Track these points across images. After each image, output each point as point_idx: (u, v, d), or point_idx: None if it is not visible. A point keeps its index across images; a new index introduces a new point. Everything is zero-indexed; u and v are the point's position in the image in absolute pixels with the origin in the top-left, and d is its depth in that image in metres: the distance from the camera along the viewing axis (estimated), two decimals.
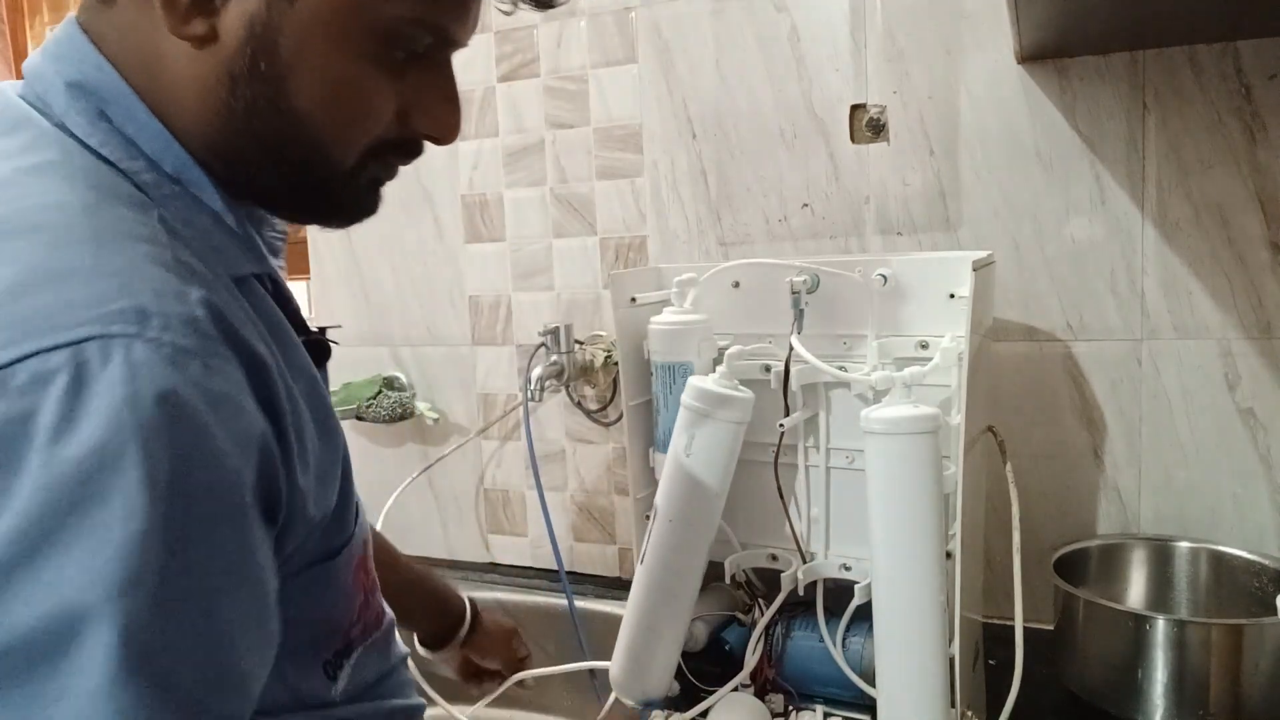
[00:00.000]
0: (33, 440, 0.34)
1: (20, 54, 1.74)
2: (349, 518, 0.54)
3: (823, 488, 0.88)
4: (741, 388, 0.82)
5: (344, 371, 1.41)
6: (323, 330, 0.57)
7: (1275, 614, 0.83)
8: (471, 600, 0.95)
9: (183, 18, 0.43)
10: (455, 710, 1.00)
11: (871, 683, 0.81)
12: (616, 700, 0.89)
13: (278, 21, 0.44)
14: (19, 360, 0.35)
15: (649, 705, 0.87)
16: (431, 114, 0.50)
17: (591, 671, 1.03)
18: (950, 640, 0.76)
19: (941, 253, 1.04)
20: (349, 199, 0.51)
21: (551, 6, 0.53)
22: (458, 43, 0.49)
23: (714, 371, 0.88)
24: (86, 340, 0.35)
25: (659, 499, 0.84)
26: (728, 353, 0.83)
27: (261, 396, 0.41)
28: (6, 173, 0.42)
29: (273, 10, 0.43)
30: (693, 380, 0.83)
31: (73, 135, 0.44)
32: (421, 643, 0.93)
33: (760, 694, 0.88)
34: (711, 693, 0.88)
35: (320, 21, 0.44)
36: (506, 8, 0.51)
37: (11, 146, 0.43)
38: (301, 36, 0.44)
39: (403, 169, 0.52)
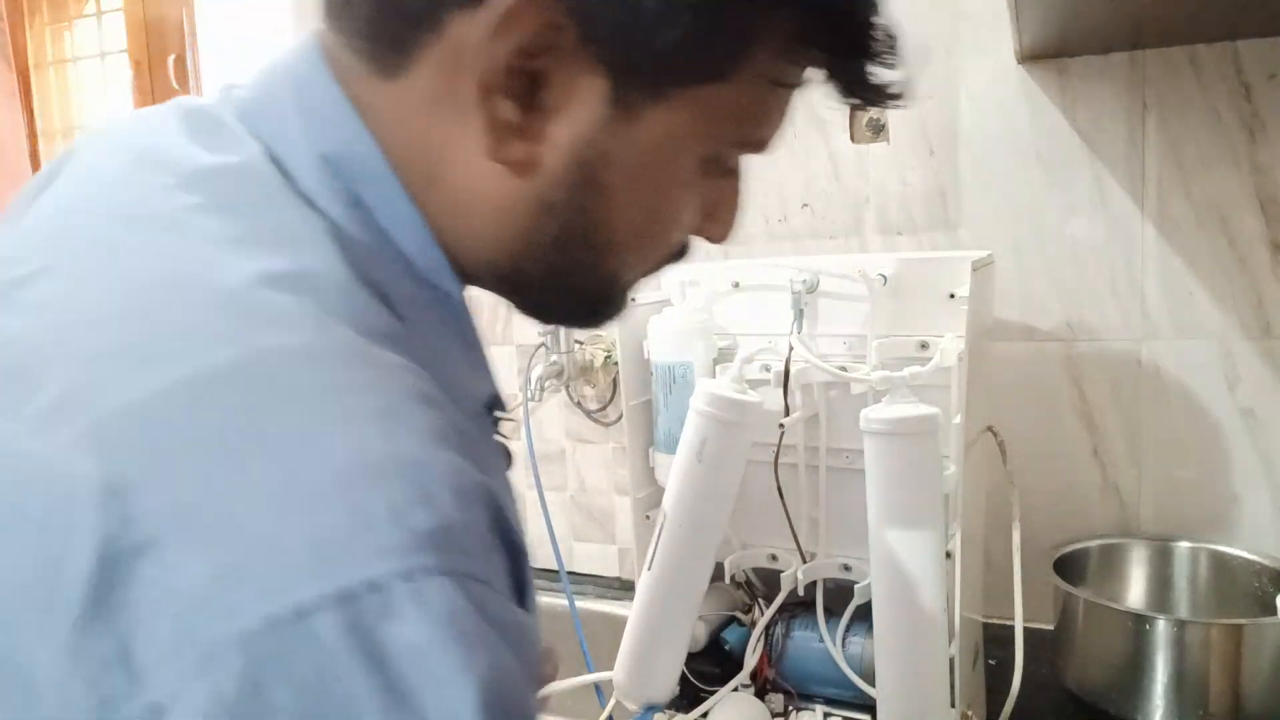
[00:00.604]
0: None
1: (20, 53, 1.74)
2: None
3: (823, 488, 0.88)
4: (753, 393, 0.82)
5: None
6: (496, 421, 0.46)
7: (1275, 614, 0.83)
8: None
9: (501, 140, 0.36)
10: None
11: (871, 683, 0.81)
12: (618, 704, 0.89)
13: (611, 149, 0.38)
14: (314, 606, 0.25)
15: (651, 709, 0.87)
16: (721, 222, 0.47)
17: (597, 685, 1.03)
18: (950, 640, 0.76)
19: (941, 253, 1.04)
20: (614, 310, 0.47)
21: (896, 98, 0.43)
22: (768, 149, 0.45)
23: (716, 373, 0.88)
24: (390, 579, 0.26)
25: (668, 504, 0.83)
26: (739, 356, 0.83)
27: (516, 587, 0.34)
28: (247, 279, 0.31)
29: (609, 136, 0.37)
30: (704, 384, 0.82)
31: (324, 220, 0.36)
32: None
33: (760, 694, 0.88)
34: (711, 693, 0.88)
35: (657, 149, 0.39)
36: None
37: (256, 232, 0.34)
38: (634, 166, 0.39)
39: None
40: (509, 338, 1.31)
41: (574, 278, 0.42)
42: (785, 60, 0.40)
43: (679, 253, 0.47)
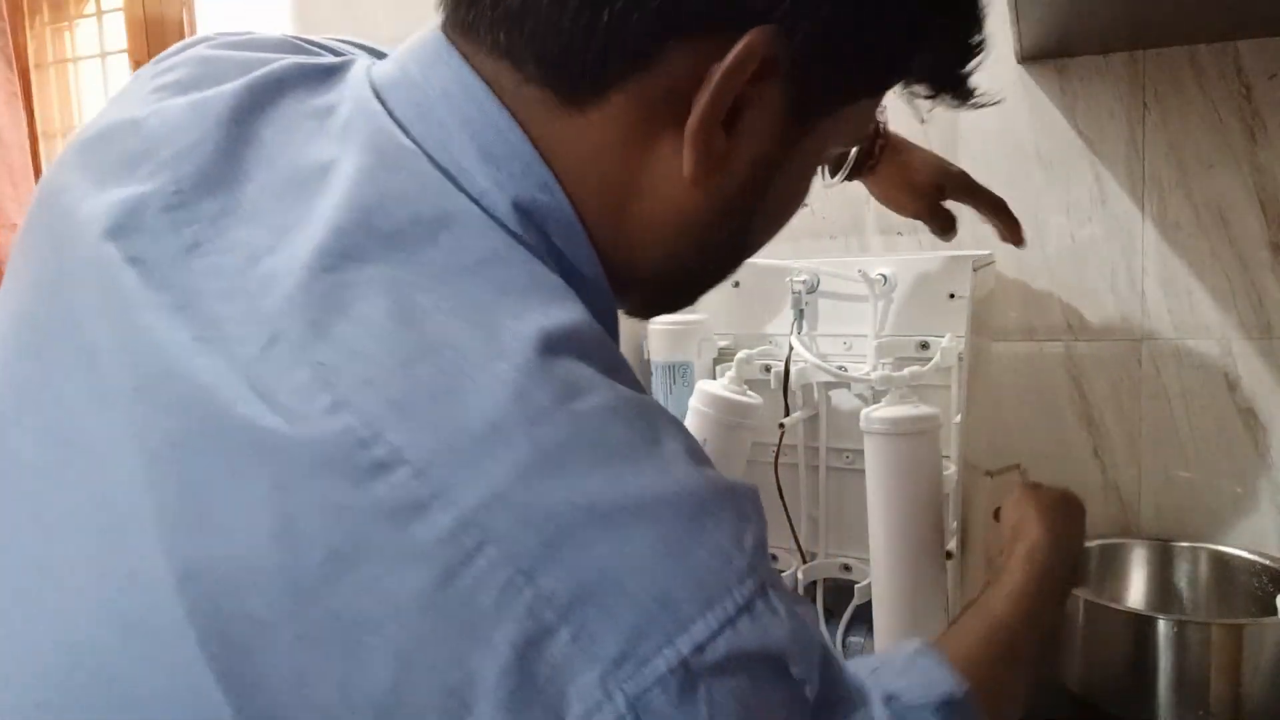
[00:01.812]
0: None
1: (20, 54, 1.74)
2: None
3: (823, 488, 0.88)
4: (751, 393, 0.82)
5: None
6: None
7: (1275, 614, 0.83)
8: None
9: (710, 168, 0.38)
10: None
11: None
12: None
13: (785, 158, 0.40)
14: (710, 638, 0.29)
15: None
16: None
17: None
18: None
19: (941, 253, 1.04)
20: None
21: (970, 97, 0.47)
22: None
23: (715, 373, 0.88)
24: (753, 598, 0.31)
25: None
26: (738, 357, 0.83)
27: None
28: (519, 364, 0.31)
29: (785, 147, 0.40)
30: (704, 385, 0.82)
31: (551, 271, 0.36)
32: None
33: None
34: None
35: (815, 156, 0.43)
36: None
37: (505, 299, 0.33)
38: (797, 172, 0.42)
39: None
40: None
41: (713, 274, 0.45)
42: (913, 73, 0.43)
43: None
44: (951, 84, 0.44)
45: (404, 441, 0.29)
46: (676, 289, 0.46)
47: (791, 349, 0.84)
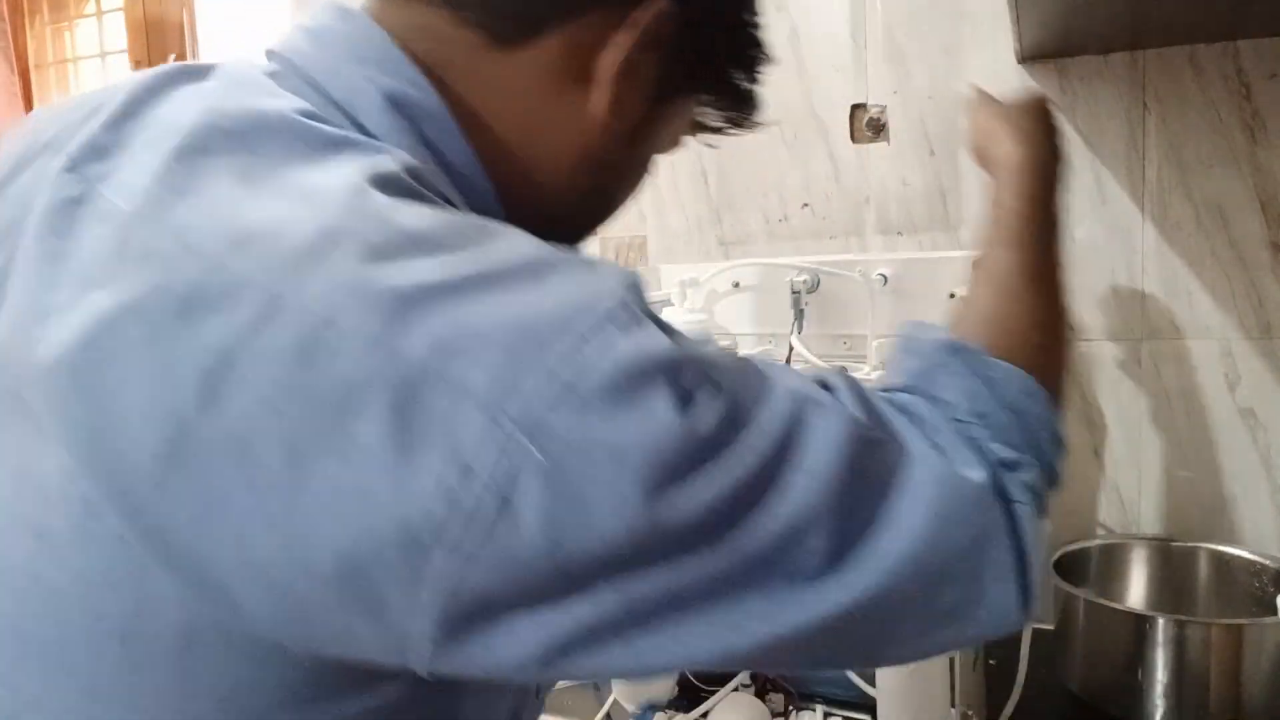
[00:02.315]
0: None
1: (20, 54, 1.74)
2: None
3: None
4: None
5: None
6: None
7: (1275, 614, 0.83)
8: None
9: (614, 110, 0.45)
10: None
11: (871, 683, 0.81)
12: (616, 702, 0.89)
13: (651, 123, 0.48)
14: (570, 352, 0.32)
15: (651, 708, 0.87)
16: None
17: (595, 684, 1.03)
18: None
19: (941, 253, 1.04)
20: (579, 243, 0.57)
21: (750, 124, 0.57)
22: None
23: None
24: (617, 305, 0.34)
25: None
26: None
27: None
28: (352, 186, 0.35)
29: (653, 114, 0.48)
30: None
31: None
32: None
33: (760, 694, 0.88)
34: (712, 693, 0.88)
35: (657, 130, 0.50)
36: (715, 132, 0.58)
37: (341, 154, 0.38)
38: (651, 137, 0.50)
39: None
40: None
41: (571, 225, 0.51)
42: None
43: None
44: (732, 98, 0.54)
45: (246, 267, 0.31)
46: (567, 220, 0.51)
47: (791, 349, 0.84)
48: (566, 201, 0.48)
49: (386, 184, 0.35)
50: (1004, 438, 0.44)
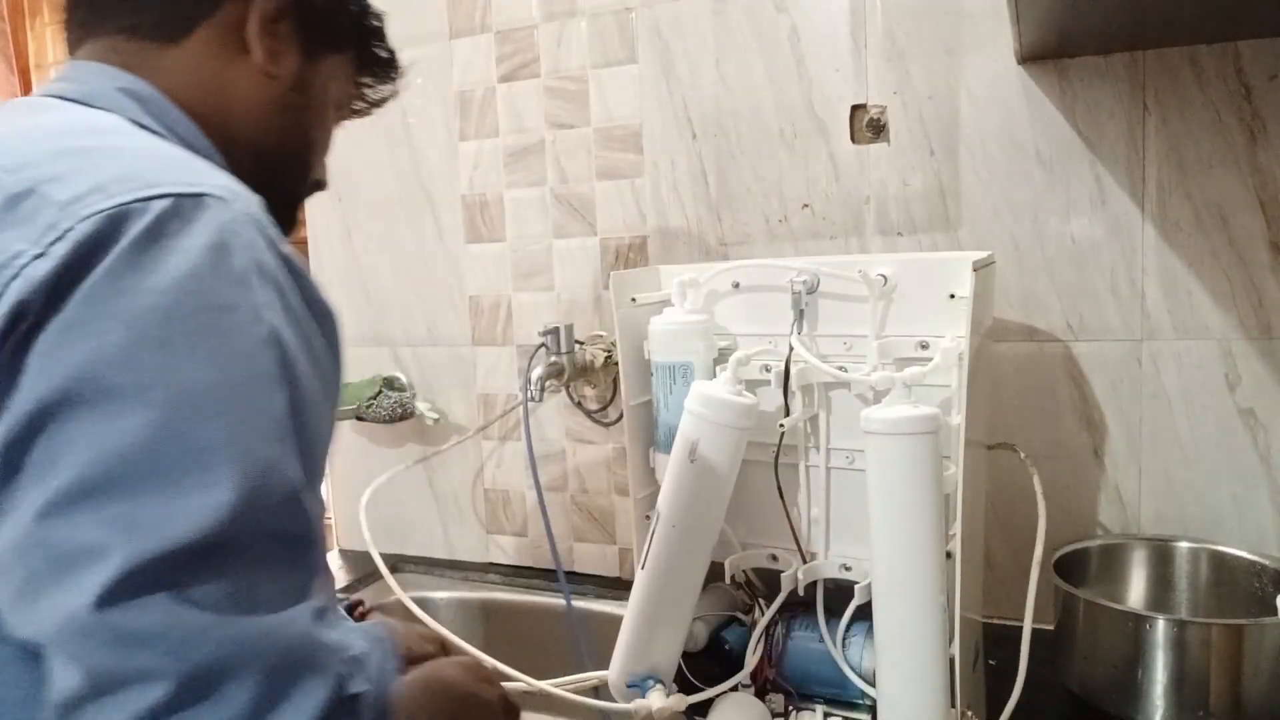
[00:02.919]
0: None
1: (21, 54, 1.74)
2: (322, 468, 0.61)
3: (823, 488, 0.88)
4: (747, 393, 0.82)
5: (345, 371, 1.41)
6: None
7: (1275, 614, 0.83)
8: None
9: (269, 58, 0.62)
10: None
11: (871, 683, 0.81)
12: (606, 692, 0.89)
13: (309, 74, 0.65)
14: (156, 198, 0.45)
15: (645, 682, 0.85)
16: (325, 167, 0.73)
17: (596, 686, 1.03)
18: (950, 640, 0.76)
19: (941, 253, 1.04)
20: (296, 214, 0.73)
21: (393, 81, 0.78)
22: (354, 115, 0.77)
23: (715, 373, 0.88)
24: (205, 195, 0.47)
25: (662, 504, 0.83)
26: (733, 358, 0.83)
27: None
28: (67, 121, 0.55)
29: (306, 66, 0.65)
30: (698, 386, 0.83)
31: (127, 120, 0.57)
32: None
33: (760, 694, 0.88)
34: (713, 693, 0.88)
35: (323, 81, 0.67)
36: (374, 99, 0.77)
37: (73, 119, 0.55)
38: (317, 88, 0.66)
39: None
40: (509, 338, 1.31)
41: (285, 166, 0.67)
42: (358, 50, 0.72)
43: (320, 183, 0.73)
44: (382, 66, 0.74)
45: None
46: (271, 168, 0.64)
47: (791, 349, 0.84)
48: (271, 142, 0.64)
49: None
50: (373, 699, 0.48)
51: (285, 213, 0.69)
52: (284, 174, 0.67)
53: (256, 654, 0.42)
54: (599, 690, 1.01)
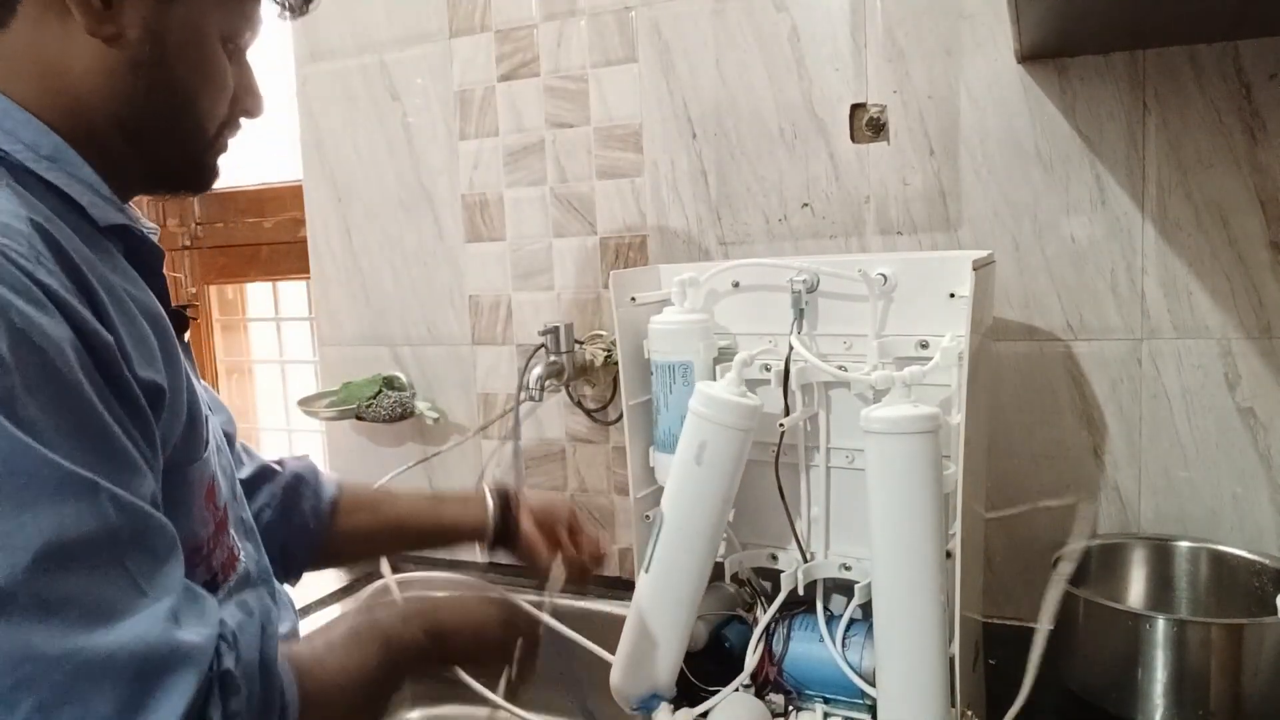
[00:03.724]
0: None
1: None
2: (199, 443, 0.62)
3: (823, 488, 0.88)
4: (751, 395, 0.82)
5: (344, 371, 1.41)
6: (182, 307, 0.67)
7: (1275, 614, 0.83)
8: (505, 494, 0.95)
9: (95, 22, 0.55)
10: (440, 710, 1.00)
11: (871, 683, 0.81)
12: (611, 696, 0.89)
13: (165, 22, 0.58)
14: None
15: (655, 696, 0.86)
16: (251, 94, 0.66)
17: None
18: (950, 640, 0.76)
19: (941, 253, 1.04)
20: (210, 165, 0.66)
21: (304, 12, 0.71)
22: (253, 43, 0.67)
23: (716, 373, 0.88)
24: None
25: (666, 506, 0.83)
26: (738, 359, 0.83)
27: (87, 298, 0.51)
28: None
29: (159, 14, 0.57)
30: (703, 387, 0.82)
31: None
32: (489, 548, 0.95)
33: (761, 693, 0.88)
34: (712, 692, 0.88)
35: (194, 28, 0.59)
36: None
37: None
38: (181, 38, 0.59)
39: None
40: (509, 338, 1.31)
41: (175, 122, 0.61)
42: None
43: (233, 124, 0.66)
44: None
45: None
46: (145, 144, 0.60)
47: (791, 349, 0.84)
48: (135, 112, 0.58)
49: None
50: (243, 670, 0.51)
51: (193, 173, 0.65)
52: (169, 137, 0.61)
53: (108, 671, 0.44)
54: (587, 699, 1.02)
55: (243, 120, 0.67)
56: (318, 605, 1.26)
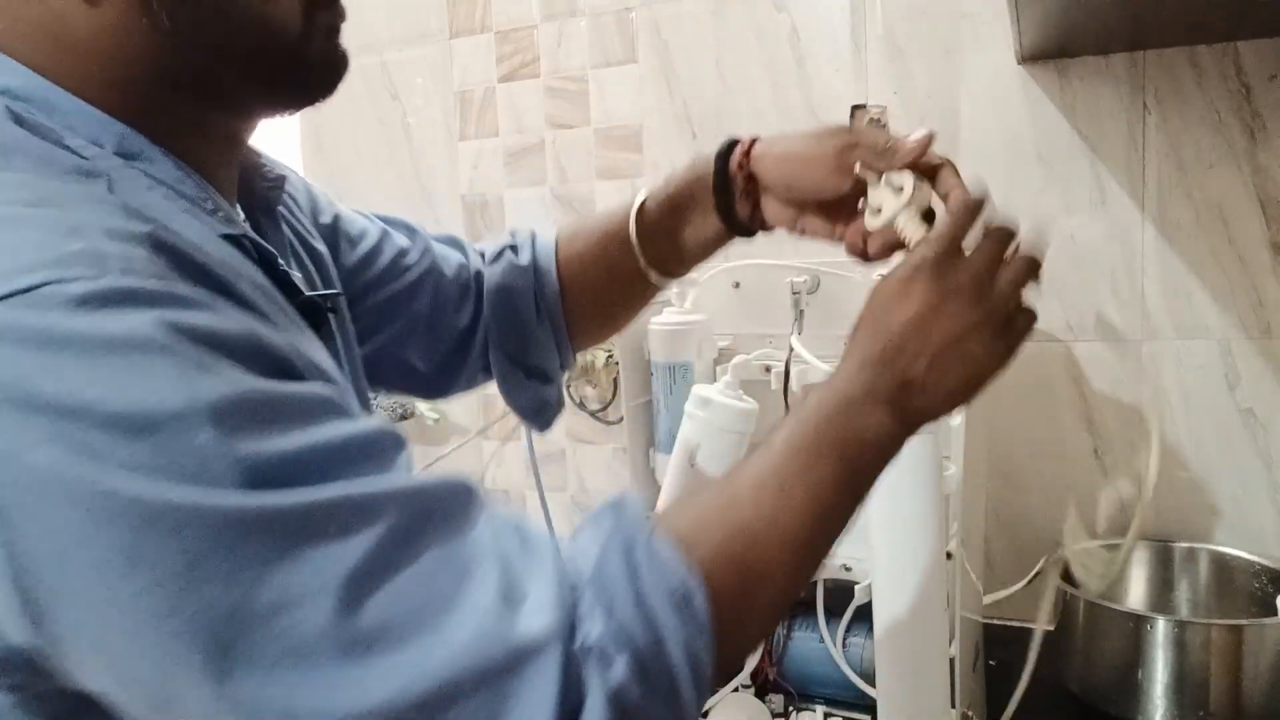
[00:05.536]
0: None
1: None
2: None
3: None
4: (747, 398, 0.82)
5: None
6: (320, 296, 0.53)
7: (1275, 614, 0.83)
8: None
9: None
10: None
11: (871, 683, 0.81)
12: None
13: None
14: None
15: None
16: None
17: None
18: (950, 640, 0.76)
19: None
20: (317, 58, 0.49)
21: None
22: None
23: (715, 374, 0.88)
24: (43, 286, 0.33)
25: (661, 507, 0.83)
26: (733, 362, 0.83)
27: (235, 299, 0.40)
28: None
29: None
30: (698, 389, 0.82)
31: None
32: (734, 230, 0.74)
33: (760, 694, 0.88)
34: (712, 693, 0.88)
35: None
36: None
37: None
38: None
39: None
40: None
41: (234, 41, 0.46)
42: None
43: (323, 12, 0.49)
44: None
45: None
46: (225, 84, 0.47)
47: (792, 349, 0.84)
48: (178, 45, 0.44)
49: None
50: (616, 630, 0.38)
51: (300, 75, 0.49)
52: (233, 54, 0.46)
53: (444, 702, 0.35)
54: None
55: None
56: None
